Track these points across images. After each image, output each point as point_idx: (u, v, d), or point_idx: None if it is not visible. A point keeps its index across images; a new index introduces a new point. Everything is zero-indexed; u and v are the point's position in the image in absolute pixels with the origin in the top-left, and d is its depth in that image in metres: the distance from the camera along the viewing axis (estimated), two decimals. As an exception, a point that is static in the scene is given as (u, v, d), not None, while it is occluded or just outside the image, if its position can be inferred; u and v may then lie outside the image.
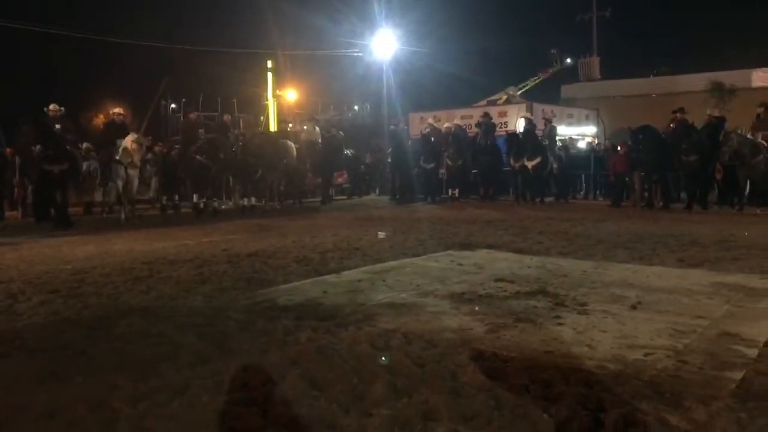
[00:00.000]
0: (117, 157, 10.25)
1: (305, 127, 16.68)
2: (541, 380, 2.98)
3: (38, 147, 8.97)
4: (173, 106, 25.52)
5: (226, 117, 13.02)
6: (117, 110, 11.50)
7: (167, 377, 3.08)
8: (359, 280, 5.45)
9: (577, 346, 3.53)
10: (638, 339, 3.64)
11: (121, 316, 4.27)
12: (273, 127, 22.27)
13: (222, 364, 3.27)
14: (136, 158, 10.32)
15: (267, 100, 25.51)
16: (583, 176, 16.87)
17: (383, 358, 3.40)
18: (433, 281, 5.39)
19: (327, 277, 5.62)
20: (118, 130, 10.58)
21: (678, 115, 12.77)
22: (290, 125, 20.77)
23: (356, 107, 28.84)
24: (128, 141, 10.29)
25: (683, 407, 2.64)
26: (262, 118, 24.71)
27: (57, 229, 9.65)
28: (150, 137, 14.08)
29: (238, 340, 3.69)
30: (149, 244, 7.86)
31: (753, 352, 3.37)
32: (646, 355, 3.36)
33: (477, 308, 4.42)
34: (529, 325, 3.99)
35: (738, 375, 3.03)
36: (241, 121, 21.69)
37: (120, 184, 10.53)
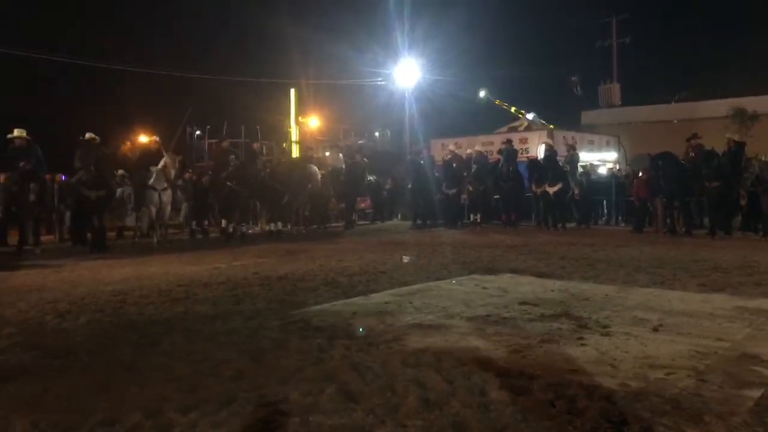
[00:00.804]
0: (150, 183, 10.66)
1: (327, 154, 17.04)
2: (565, 396, 3.14)
3: (80, 173, 9.42)
4: (198, 132, 26.16)
5: (255, 144, 13.44)
6: (153, 138, 12.00)
7: (213, 390, 3.30)
8: (387, 303, 5.65)
9: (600, 366, 3.68)
10: (660, 359, 3.77)
11: (164, 334, 4.52)
12: (296, 153, 22.75)
13: (262, 378, 3.49)
14: (172, 173, 10.70)
15: (290, 127, 26.07)
16: (604, 202, 16.93)
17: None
18: (458, 304, 5.56)
19: (356, 299, 5.83)
20: (153, 156, 11.01)
21: (692, 141, 12.85)
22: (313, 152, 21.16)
23: (377, 134, 29.25)
24: (163, 162, 10.74)
25: (703, 422, 2.78)
26: (285, 144, 25.21)
27: (93, 252, 10.04)
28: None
29: (276, 357, 3.91)
30: (183, 268, 8.16)
31: (772, 373, 3.49)
32: (667, 374, 3.49)
33: (502, 329, 4.60)
34: (553, 345, 4.15)
35: (757, 393, 3.15)
36: (264, 148, 22.18)
37: (153, 209, 10.91)
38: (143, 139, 11.98)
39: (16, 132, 10.51)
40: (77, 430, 2.81)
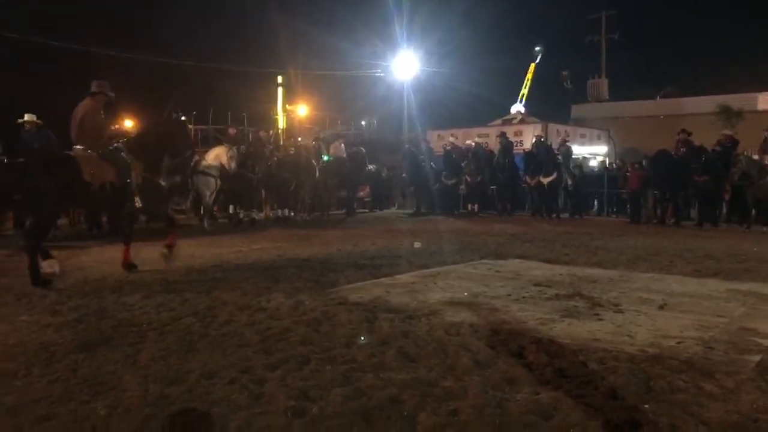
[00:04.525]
0: (206, 170, 11.17)
1: (313, 143, 17.39)
2: (594, 359, 3.66)
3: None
4: (183, 119, 26.08)
5: (263, 133, 13.77)
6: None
7: (287, 352, 3.76)
8: (413, 283, 6.14)
9: (619, 336, 4.20)
10: (669, 331, 4.30)
11: (219, 308, 4.94)
12: (281, 141, 22.96)
13: (327, 343, 3.95)
14: (233, 165, 11.36)
15: (276, 114, 26.37)
16: (596, 194, 17.56)
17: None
18: (478, 285, 6.06)
19: (383, 280, 6.31)
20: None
21: (680, 136, 13.49)
22: (299, 139, 21.47)
23: (363, 123, 29.59)
24: (222, 153, 11.28)
25: (714, 378, 3.31)
26: (272, 132, 25.47)
27: (112, 236, 10.35)
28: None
29: (331, 327, 4.38)
30: (207, 251, 8.54)
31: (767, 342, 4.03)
32: (678, 343, 4.02)
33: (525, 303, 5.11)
34: (573, 320, 4.66)
35: (756, 358, 3.69)
36: (250, 135, 22.38)
37: (208, 194, 11.36)
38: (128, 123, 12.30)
39: (27, 117, 10.82)
40: (182, 382, 3.25)
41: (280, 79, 26.23)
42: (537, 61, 30.72)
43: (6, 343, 4.00)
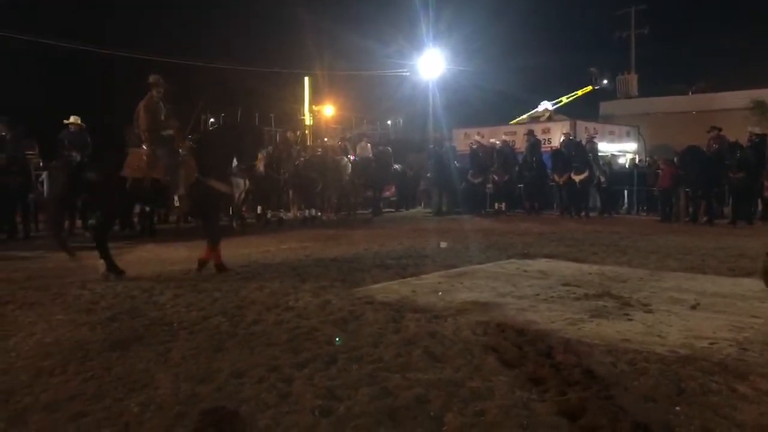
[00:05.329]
0: (234, 171, 11.40)
1: (339, 143, 17.51)
2: (624, 360, 3.61)
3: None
4: (212, 120, 26.56)
5: (290, 134, 13.92)
6: None
7: (314, 351, 3.80)
8: (439, 283, 6.13)
9: (649, 337, 4.13)
10: (702, 332, 4.21)
11: (248, 307, 5.02)
12: (309, 141, 23.12)
13: (354, 342, 3.98)
14: (261, 168, 11.60)
15: (303, 115, 26.55)
16: (625, 192, 17.28)
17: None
18: (505, 285, 6.02)
19: (409, 280, 6.31)
20: None
21: (712, 133, 13.16)
22: (325, 139, 21.60)
23: (389, 122, 29.59)
24: None
25: (749, 380, 3.24)
26: (298, 132, 25.65)
27: (142, 236, 10.59)
28: None
29: (358, 326, 4.40)
30: (235, 251, 8.63)
31: (805, 344, 3.92)
32: (711, 344, 3.93)
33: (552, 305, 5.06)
34: (603, 320, 4.60)
35: (793, 360, 3.60)
36: (277, 136, 22.57)
37: (237, 193, 11.58)
38: None
39: (73, 118, 11.14)
40: (212, 381, 3.31)
41: (306, 79, 26.41)
42: (594, 84, 30.00)
43: (43, 342, 4.11)
